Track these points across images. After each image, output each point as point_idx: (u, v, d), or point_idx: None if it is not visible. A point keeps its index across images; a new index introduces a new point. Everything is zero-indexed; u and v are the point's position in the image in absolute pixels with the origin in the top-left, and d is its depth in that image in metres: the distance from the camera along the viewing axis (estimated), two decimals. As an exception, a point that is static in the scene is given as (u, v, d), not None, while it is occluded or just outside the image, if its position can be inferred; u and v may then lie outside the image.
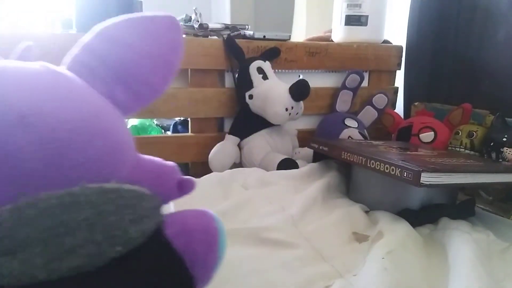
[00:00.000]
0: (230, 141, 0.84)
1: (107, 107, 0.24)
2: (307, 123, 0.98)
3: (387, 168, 0.59)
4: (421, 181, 0.53)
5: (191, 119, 0.88)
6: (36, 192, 0.18)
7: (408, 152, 0.72)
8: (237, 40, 0.84)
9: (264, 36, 0.88)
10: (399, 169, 0.57)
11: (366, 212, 0.66)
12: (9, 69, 0.21)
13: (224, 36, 0.85)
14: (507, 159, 0.72)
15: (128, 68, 0.26)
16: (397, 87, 1.07)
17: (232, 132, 0.85)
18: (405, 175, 0.55)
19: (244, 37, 0.89)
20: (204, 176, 0.70)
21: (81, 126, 0.20)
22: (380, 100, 0.97)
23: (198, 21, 0.88)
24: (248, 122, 0.85)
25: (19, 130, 0.18)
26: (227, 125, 0.90)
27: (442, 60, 1.03)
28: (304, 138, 0.93)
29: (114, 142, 0.22)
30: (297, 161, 0.82)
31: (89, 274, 0.18)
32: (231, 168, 0.79)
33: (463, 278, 0.44)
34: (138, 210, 0.21)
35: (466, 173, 0.58)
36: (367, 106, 0.98)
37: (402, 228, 0.57)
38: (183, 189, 0.27)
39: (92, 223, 0.18)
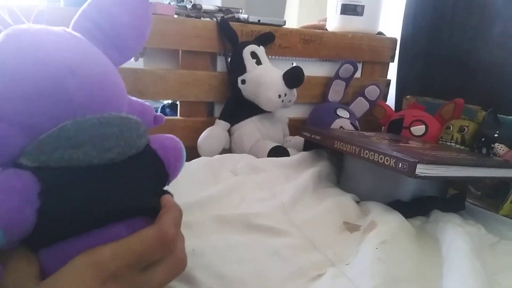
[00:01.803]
0: (220, 126, 0.82)
1: (110, 63, 0.34)
2: (298, 112, 0.96)
3: (381, 159, 0.58)
4: (416, 173, 0.52)
5: (180, 102, 0.86)
6: (85, 112, 0.29)
7: (401, 144, 0.72)
8: (230, 23, 0.82)
9: (259, 20, 0.86)
10: (394, 160, 0.56)
11: (357, 202, 0.65)
12: (49, 33, 0.31)
13: (217, 18, 0.83)
14: (498, 155, 0.72)
15: (117, 35, 0.35)
16: (390, 80, 1.06)
17: (222, 117, 0.83)
18: (400, 166, 0.54)
19: (238, 20, 0.87)
20: (193, 160, 0.68)
21: (102, 77, 0.31)
22: (372, 91, 0.96)
23: (191, 2, 0.85)
24: (239, 108, 0.83)
25: (70, 77, 0.28)
26: (217, 110, 0.88)
27: (436, 54, 1.02)
28: (295, 127, 0.92)
29: (119, 88, 0.33)
30: (287, 149, 0.80)
31: (118, 163, 0.30)
32: (220, 154, 0.78)
33: (458, 270, 0.44)
34: (139, 131, 0.32)
35: (460, 166, 0.57)
36: (359, 97, 0.97)
37: (395, 219, 0.56)
38: (157, 121, 0.39)
39: (118, 135, 0.30)
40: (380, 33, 1.04)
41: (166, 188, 0.37)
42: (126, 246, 0.29)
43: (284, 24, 0.89)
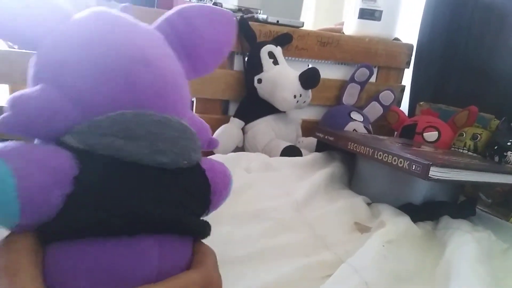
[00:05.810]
0: (235, 124, 0.84)
1: (181, 69, 0.32)
2: (312, 114, 0.97)
3: (395, 160, 0.58)
4: (429, 175, 0.53)
5: (196, 98, 0.87)
6: (148, 107, 0.27)
7: (414, 148, 0.72)
8: (249, 23, 0.83)
9: (278, 21, 0.87)
10: (408, 162, 0.56)
11: (368, 204, 0.65)
12: (136, 22, 0.30)
13: (237, 17, 0.84)
14: (510, 163, 0.72)
15: (193, 46, 0.34)
16: (404, 86, 1.06)
17: (237, 115, 0.84)
18: (413, 168, 0.55)
19: (257, 20, 0.88)
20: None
21: (173, 79, 0.30)
22: (386, 96, 0.97)
23: (212, 0, 0.87)
24: (254, 107, 0.84)
25: (143, 67, 0.27)
26: (232, 109, 0.89)
27: (451, 62, 1.02)
28: (308, 128, 0.92)
29: (185, 97, 0.31)
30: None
31: (167, 170, 0.28)
32: (233, 152, 0.79)
33: (463, 275, 0.44)
34: (195, 144, 0.30)
35: (473, 170, 0.58)
36: (373, 102, 0.98)
37: (404, 221, 0.57)
38: (211, 145, 0.36)
39: (174, 140, 0.28)
40: (396, 39, 1.04)
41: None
42: None
43: (302, 26, 0.91)
